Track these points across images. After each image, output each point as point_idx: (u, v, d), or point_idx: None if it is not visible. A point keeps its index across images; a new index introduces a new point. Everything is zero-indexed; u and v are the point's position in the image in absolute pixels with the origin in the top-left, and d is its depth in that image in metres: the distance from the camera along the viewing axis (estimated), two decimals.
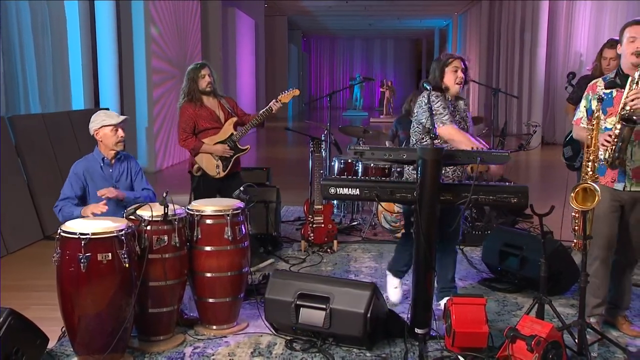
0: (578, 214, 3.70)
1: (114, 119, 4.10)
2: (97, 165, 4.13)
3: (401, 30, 32.65)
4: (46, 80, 7.97)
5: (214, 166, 5.11)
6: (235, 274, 3.97)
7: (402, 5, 22.94)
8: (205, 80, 5.00)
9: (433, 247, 3.64)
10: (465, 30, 25.20)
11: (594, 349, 3.68)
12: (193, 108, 5.03)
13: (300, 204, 6.27)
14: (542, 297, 3.74)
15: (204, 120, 5.05)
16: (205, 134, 5.08)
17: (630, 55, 3.64)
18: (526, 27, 16.68)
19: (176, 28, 12.18)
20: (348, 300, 3.67)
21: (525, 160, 12.78)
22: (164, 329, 3.79)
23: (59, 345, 3.76)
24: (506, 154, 3.68)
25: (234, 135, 5.13)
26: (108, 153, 4.14)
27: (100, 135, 4.09)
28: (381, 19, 27.38)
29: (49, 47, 7.99)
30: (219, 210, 3.95)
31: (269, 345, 3.83)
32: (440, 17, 27.71)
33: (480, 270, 5.27)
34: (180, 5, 12.44)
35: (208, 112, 5.07)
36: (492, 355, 3.47)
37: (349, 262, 5.57)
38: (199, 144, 5.04)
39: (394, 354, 3.69)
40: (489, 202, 3.69)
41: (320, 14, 25.85)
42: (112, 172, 4.17)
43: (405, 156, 3.63)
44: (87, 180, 4.08)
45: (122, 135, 4.10)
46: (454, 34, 27.14)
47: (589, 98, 3.89)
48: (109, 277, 3.34)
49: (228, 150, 5.09)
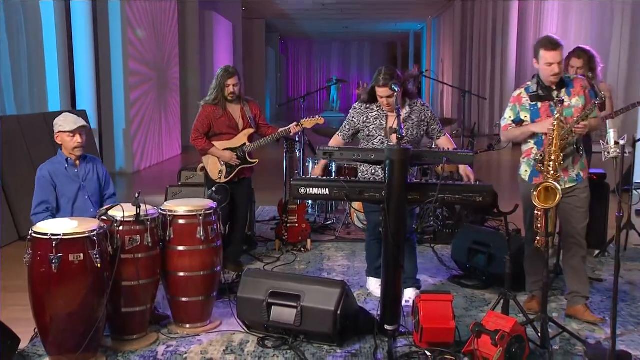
0: (540, 212, 3.75)
1: (70, 125, 4.02)
2: (61, 167, 4.09)
3: (377, 33, 32.74)
4: (21, 81, 7.86)
5: (217, 171, 5.09)
6: (207, 273, 3.97)
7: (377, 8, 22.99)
8: (229, 89, 4.96)
9: (402, 246, 3.67)
10: (439, 34, 25.36)
11: (555, 342, 3.74)
12: (213, 110, 5.00)
13: (275, 203, 6.27)
14: (507, 293, 3.79)
15: (221, 125, 5.03)
16: (219, 137, 5.06)
17: (549, 76, 3.94)
18: (497, 31, 16.86)
19: (153, 30, 12.09)
20: (319, 298, 3.68)
21: (497, 160, 12.90)
22: (137, 328, 3.78)
23: (31, 345, 3.73)
24: (471, 154, 3.72)
25: (245, 146, 5.10)
26: (70, 155, 4.10)
27: (59, 139, 4.07)
28: (357, 22, 27.43)
29: (24, 48, 7.88)
30: (192, 210, 3.95)
31: (242, 343, 3.83)
32: (415, 21, 27.83)
33: (450, 267, 5.31)
34: (158, 8, 12.34)
35: (228, 117, 5.04)
36: (458, 350, 3.51)
37: (322, 260, 5.58)
38: (208, 147, 5.03)
39: (364, 350, 3.71)
40: (455, 201, 3.74)
41: (297, 17, 25.82)
42: (79, 171, 4.13)
43: (373, 157, 3.65)
44: (55, 181, 4.04)
45: (79, 141, 4.04)
46: (428, 37, 27.30)
47: (515, 109, 4.16)
48: (80, 277, 3.32)
49: (235, 159, 5.06)
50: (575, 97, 3.98)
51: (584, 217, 4.10)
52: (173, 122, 13.36)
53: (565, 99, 3.96)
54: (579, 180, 4.06)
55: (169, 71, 13.22)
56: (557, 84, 4.00)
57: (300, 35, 34.31)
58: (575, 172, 4.06)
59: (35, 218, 3.91)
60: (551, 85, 4.00)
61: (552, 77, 3.95)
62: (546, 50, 3.91)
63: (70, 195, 4.07)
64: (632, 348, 3.76)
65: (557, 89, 3.99)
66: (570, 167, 4.04)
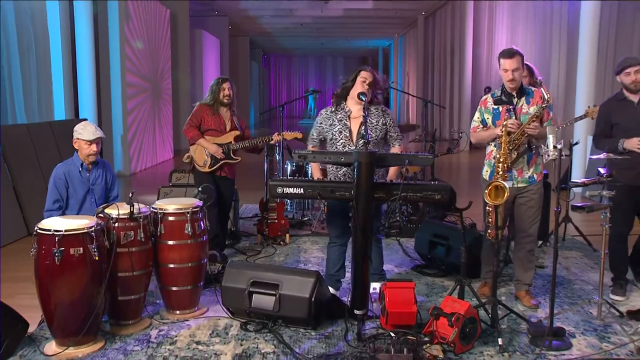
0: (491, 208, 3.78)
1: (89, 135, 4.01)
2: (76, 170, 4.08)
3: (350, 49, 32.82)
4: (31, 93, 7.97)
5: (203, 160, 5.09)
6: (195, 264, 3.96)
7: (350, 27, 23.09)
8: (225, 92, 5.06)
9: (369, 238, 3.67)
10: (404, 49, 25.50)
11: (503, 322, 3.80)
12: (206, 109, 5.08)
13: (257, 202, 6.25)
14: (463, 280, 3.83)
15: (211, 122, 5.08)
16: (208, 133, 5.09)
17: (507, 81, 3.99)
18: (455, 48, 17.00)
19: (148, 47, 12.09)
20: (295, 286, 3.68)
21: (456, 162, 13.01)
22: (132, 314, 3.77)
23: (39, 329, 3.73)
24: (430, 156, 3.74)
25: (231, 144, 5.12)
26: (85, 160, 4.09)
27: (77, 145, 4.07)
28: (332, 39, 27.48)
29: (33, 64, 8.00)
30: (180, 208, 3.93)
31: (226, 327, 3.82)
32: (383, 38, 27.95)
33: (413, 258, 5.34)
34: (152, 26, 12.35)
35: (218, 118, 5.10)
36: (419, 332, 3.52)
37: (300, 253, 5.57)
38: (197, 137, 5.06)
39: (336, 332, 3.72)
40: (416, 199, 3.72)
41: (278, 34, 25.78)
42: (90, 176, 4.12)
43: (343, 159, 3.65)
44: (68, 182, 4.03)
45: (94, 150, 4.04)
46: (395, 52, 27.43)
47: (482, 111, 4.19)
48: (80, 269, 3.32)
49: (220, 153, 5.08)
50: (533, 105, 3.99)
51: (534, 215, 4.11)
52: (166, 129, 13.29)
53: (524, 107, 3.99)
54: (532, 182, 4.07)
55: (162, 83, 13.15)
56: (519, 93, 4.02)
57: (281, 51, 34.27)
58: (530, 173, 4.06)
59: (48, 214, 3.90)
60: (512, 92, 4.02)
61: (509, 83, 3.98)
62: (503, 58, 3.97)
63: (79, 197, 4.07)
64: (567, 324, 3.85)
65: (518, 97, 4.01)
66: (525, 168, 4.05)
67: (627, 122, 4.13)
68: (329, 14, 19.48)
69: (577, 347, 3.51)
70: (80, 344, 3.41)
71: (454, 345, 3.35)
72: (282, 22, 21.85)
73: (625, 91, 4.22)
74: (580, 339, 3.64)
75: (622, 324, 3.84)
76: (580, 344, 3.56)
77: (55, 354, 3.38)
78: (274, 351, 3.45)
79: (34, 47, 7.99)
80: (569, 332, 3.69)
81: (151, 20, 12.27)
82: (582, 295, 4.43)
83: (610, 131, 4.27)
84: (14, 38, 7.46)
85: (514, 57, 3.94)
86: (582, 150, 8.50)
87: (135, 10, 11.23)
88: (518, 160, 4.00)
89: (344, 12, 19.27)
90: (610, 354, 3.43)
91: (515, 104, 3.98)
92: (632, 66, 4.12)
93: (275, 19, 21.14)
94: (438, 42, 19.40)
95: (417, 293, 3.78)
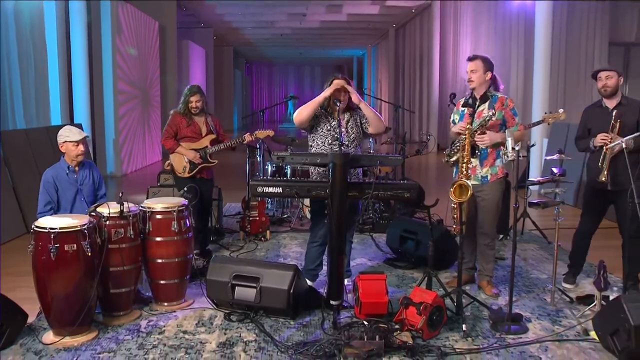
0: (456, 205, 3.81)
1: (76, 136, 3.98)
2: (63, 172, 4.02)
3: (326, 58, 32.85)
4: (29, 101, 8.00)
5: (182, 166, 5.02)
6: (181, 259, 3.94)
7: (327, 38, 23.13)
8: (193, 104, 4.93)
9: (343, 234, 3.67)
10: (377, 59, 25.58)
11: (467, 310, 3.83)
12: (180, 119, 4.96)
13: (240, 200, 6.22)
14: (430, 272, 3.85)
15: (187, 131, 4.97)
16: (185, 139, 5.00)
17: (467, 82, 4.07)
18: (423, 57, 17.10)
19: (139, 56, 12.02)
20: (274, 279, 3.67)
21: (425, 162, 13.09)
22: (123, 306, 3.75)
23: (37, 320, 3.71)
24: (399, 157, 3.75)
25: (207, 149, 5.03)
26: (71, 162, 4.03)
27: (64, 148, 4.00)
28: (310, 49, 27.49)
29: (32, 74, 8.03)
30: (167, 206, 3.91)
31: (211, 317, 3.80)
32: (357, 48, 28.03)
33: (385, 252, 5.36)
34: (142, 37, 12.29)
35: (194, 125, 4.99)
36: (390, 320, 3.53)
37: (280, 248, 5.56)
38: (175, 146, 4.97)
39: (313, 321, 3.72)
40: (387, 197, 3.74)
41: (260, 44, 25.68)
42: (77, 177, 4.07)
43: (319, 160, 3.64)
44: (57, 185, 3.98)
45: (82, 149, 4.00)
46: (369, 61, 27.51)
47: (454, 112, 4.25)
48: (74, 264, 3.32)
49: (198, 159, 4.99)
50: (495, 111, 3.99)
51: (490, 213, 4.10)
52: (154, 133, 13.18)
53: (485, 111, 3.99)
54: (484, 182, 4.06)
55: (151, 90, 13.07)
56: (482, 98, 4.02)
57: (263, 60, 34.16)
58: (483, 173, 4.06)
59: (41, 216, 3.82)
60: (477, 96, 4.03)
61: (469, 83, 4.02)
62: (467, 61, 4.03)
63: (69, 198, 4.02)
64: (524, 310, 3.91)
65: (481, 101, 4.00)
66: (478, 168, 4.05)
67: (599, 128, 4.03)
68: (307, 26, 19.50)
69: (532, 331, 3.56)
70: (76, 334, 3.41)
71: (422, 332, 3.37)
72: (264, 33, 21.80)
73: (603, 98, 4.12)
74: (535, 323, 3.69)
75: (572, 309, 3.91)
76: (535, 328, 3.61)
77: (53, 342, 3.38)
78: (255, 339, 3.44)
79: (33, 57, 8.00)
80: (526, 318, 3.74)
81: (141, 31, 12.20)
82: (537, 283, 4.50)
83: (588, 135, 4.18)
84: (14, 48, 7.48)
85: (473, 60, 4.01)
86: (539, 152, 8.64)
87: (126, 23, 11.17)
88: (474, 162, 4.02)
89: (321, 24, 19.30)
90: (561, 336, 3.49)
91: (476, 107, 3.99)
92: (603, 71, 4.05)
93: (258, 30, 21.09)
94: (408, 51, 19.51)
95: (389, 284, 3.77)
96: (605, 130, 3.97)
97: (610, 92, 4.02)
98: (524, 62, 11.35)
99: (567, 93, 11.14)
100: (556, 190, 3.97)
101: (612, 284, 4.03)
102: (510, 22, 11.95)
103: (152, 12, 13.06)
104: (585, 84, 10.95)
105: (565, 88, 11.17)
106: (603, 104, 4.12)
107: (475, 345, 3.36)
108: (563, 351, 3.30)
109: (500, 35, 12.35)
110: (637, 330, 3.00)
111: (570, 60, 11.10)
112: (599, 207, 4.21)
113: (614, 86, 4.01)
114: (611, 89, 4.01)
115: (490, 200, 4.08)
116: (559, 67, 10.70)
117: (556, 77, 10.37)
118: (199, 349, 3.32)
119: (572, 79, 11.20)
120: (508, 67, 11.74)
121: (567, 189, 5.14)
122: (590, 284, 4.21)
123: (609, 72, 4.02)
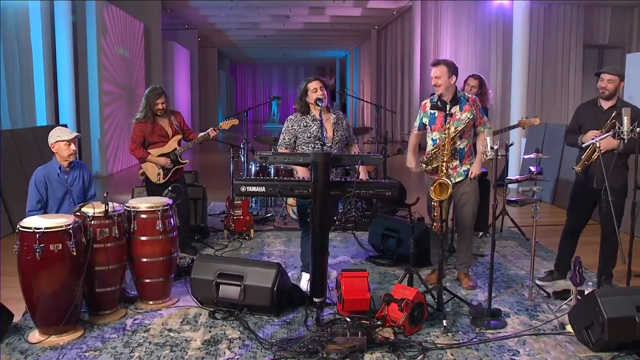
0: (436, 203, 3.83)
1: (68, 135, 3.96)
2: (54, 172, 3.99)
3: (310, 59, 32.81)
4: (15, 101, 7.87)
5: (156, 173, 4.96)
6: (166, 258, 3.91)
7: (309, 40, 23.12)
8: (158, 107, 4.83)
9: (326, 233, 3.66)
10: (359, 60, 25.62)
11: (448, 306, 3.85)
12: (144, 125, 4.86)
13: (224, 200, 6.19)
14: (412, 269, 3.86)
15: (154, 135, 4.89)
16: (154, 145, 4.93)
17: (434, 86, 4.04)
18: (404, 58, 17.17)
19: (124, 58, 11.90)
20: (258, 277, 3.66)
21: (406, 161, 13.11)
22: (109, 304, 3.72)
23: (23, 319, 3.67)
24: (380, 157, 3.75)
25: (177, 150, 4.99)
26: (63, 163, 3.99)
27: (55, 148, 3.96)
28: (293, 50, 27.42)
29: (17, 74, 7.92)
30: (152, 206, 3.88)
31: (196, 315, 3.77)
32: (340, 49, 28.04)
33: (367, 249, 5.37)
34: (128, 39, 12.20)
35: (158, 128, 4.91)
36: (372, 316, 3.54)
37: (263, 246, 5.54)
38: (145, 155, 4.89)
39: (297, 318, 3.71)
40: (369, 196, 3.71)
41: (244, 45, 25.58)
42: (68, 178, 4.03)
43: (301, 160, 3.63)
44: (47, 184, 3.94)
45: (74, 149, 3.97)
46: (351, 62, 27.56)
47: (420, 115, 4.22)
48: (60, 263, 3.29)
49: (169, 163, 4.94)
50: (465, 112, 4.03)
51: (469, 205, 4.15)
52: None
53: (457, 113, 4.03)
54: (466, 173, 4.14)
55: (137, 91, 12.94)
56: (452, 100, 4.01)
57: (247, 60, 34.03)
58: (464, 168, 4.13)
59: (32, 214, 3.80)
60: (446, 99, 4.02)
61: (435, 88, 4.03)
62: (431, 66, 4.04)
63: (58, 197, 3.98)
64: (503, 306, 3.94)
65: (452, 104, 4.00)
66: (459, 166, 4.12)
67: (590, 126, 4.03)
68: (291, 27, 19.46)
69: (511, 325, 3.60)
70: (61, 333, 3.38)
71: (403, 328, 3.38)
72: (248, 34, 21.73)
73: (599, 97, 4.10)
74: (514, 318, 3.73)
75: (549, 303, 3.96)
76: (514, 322, 3.65)
77: (39, 341, 3.34)
78: (239, 337, 3.43)
79: (18, 58, 7.89)
80: (505, 313, 3.77)
81: (126, 32, 12.10)
82: (516, 279, 4.54)
83: (579, 130, 4.15)
84: (0, 49, 7.37)
85: (437, 66, 4.00)
86: (517, 151, 8.73)
87: (111, 24, 11.06)
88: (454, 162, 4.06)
89: (304, 25, 19.27)
90: (538, 330, 3.53)
91: (447, 110, 3.95)
92: (607, 74, 4.00)
93: (242, 31, 21.00)
94: (389, 52, 19.57)
95: (371, 281, 3.79)
96: (595, 128, 3.98)
97: (608, 95, 4.02)
98: (503, 62, 11.48)
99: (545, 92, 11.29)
100: (534, 188, 4.01)
101: (587, 279, 4.09)
102: (489, 23, 12.07)
103: (137, 13, 12.95)
104: (561, 84, 11.10)
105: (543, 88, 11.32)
106: (598, 103, 4.11)
107: (455, 340, 3.38)
108: (540, 345, 3.34)
109: (480, 35, 12.47)
110: (610, 323, 3.05)
111: (547, 61, 11.26)
112: (586, 206, 4.21)
113: (613, 90, 4.00)
114: (609, 93, 4.01)
115: (470, 192, 4.15)
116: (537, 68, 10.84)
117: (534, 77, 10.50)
118: (184, 346, 3.30)
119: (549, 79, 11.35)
120: (488, 67, 11.84)
121: (544, 187, 5.22)
122: (566, 280, 4.26)
123: (612, 77, 3.98)
